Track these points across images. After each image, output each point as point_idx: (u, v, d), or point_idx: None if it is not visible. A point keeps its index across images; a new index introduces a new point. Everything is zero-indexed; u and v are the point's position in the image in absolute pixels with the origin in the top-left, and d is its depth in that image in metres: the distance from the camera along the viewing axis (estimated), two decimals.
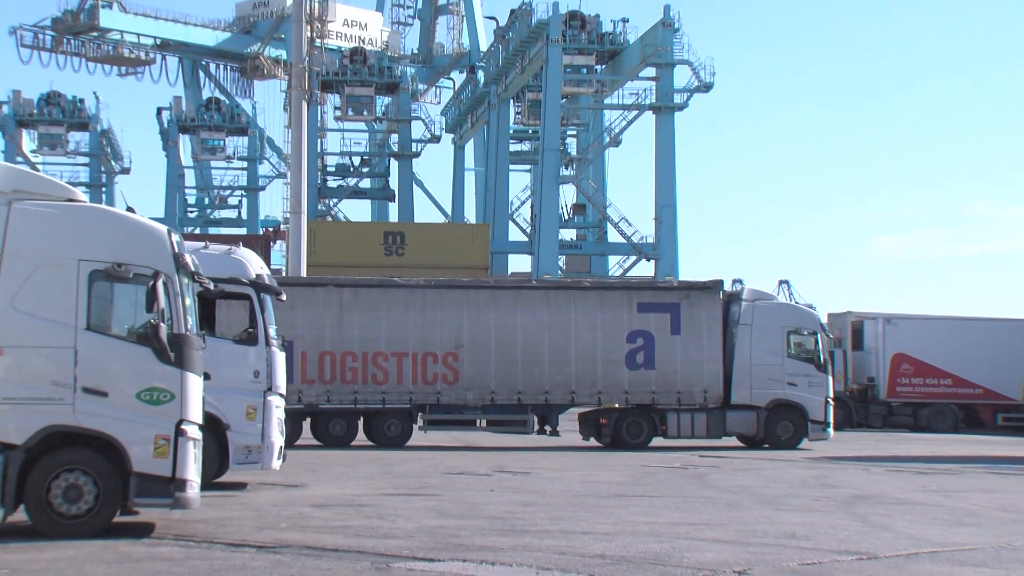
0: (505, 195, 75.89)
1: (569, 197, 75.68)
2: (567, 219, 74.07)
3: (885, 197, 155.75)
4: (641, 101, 68.11)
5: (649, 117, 67.47)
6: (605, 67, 69.65)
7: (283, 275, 38.66)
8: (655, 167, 66.81)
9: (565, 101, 69.41)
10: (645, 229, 68.15)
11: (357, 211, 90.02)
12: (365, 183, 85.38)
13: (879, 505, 19.26)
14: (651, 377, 32.09)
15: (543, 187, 67.26)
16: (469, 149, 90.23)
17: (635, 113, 68.60)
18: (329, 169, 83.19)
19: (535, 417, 32.27)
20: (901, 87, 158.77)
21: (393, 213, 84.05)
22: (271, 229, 79.68)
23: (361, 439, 31.86)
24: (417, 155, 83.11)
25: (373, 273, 41.09)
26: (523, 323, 31.96)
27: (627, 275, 67.78)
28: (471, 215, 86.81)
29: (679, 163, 66.89)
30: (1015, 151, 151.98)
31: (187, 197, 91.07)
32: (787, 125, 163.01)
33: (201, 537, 14.25)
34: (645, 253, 67.41)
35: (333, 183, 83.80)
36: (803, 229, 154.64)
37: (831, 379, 33.83)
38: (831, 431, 33.42)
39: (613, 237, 71.85)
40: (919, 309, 61.86)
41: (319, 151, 79.14)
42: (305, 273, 41.12)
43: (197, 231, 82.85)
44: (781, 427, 32.71)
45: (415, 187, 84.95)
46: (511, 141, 79.15)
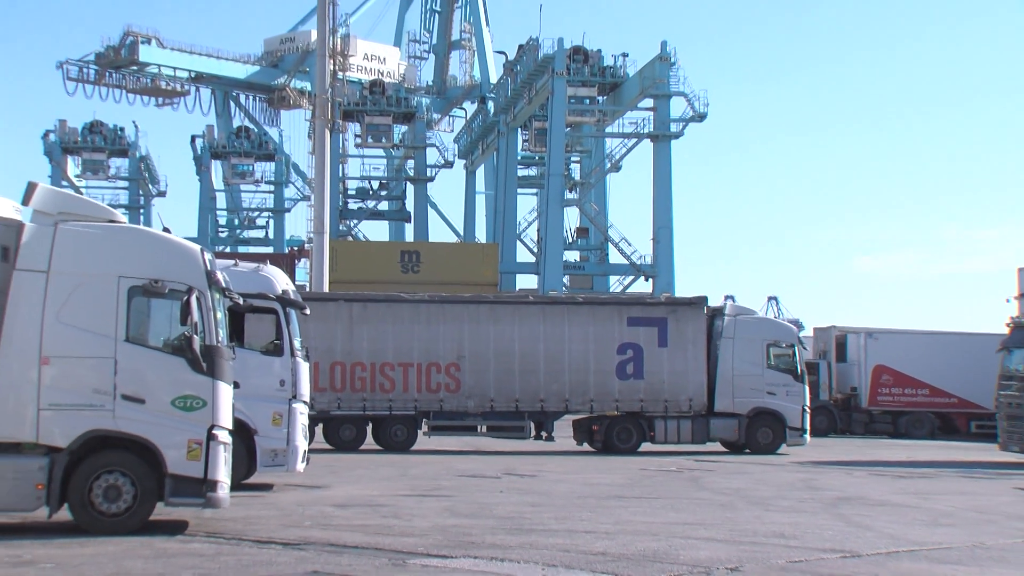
0: (513, 217, 75.85)
1: (573, 220, 75.67)
2: (571, 242, 73.99)
3: (866, 221, 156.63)
4: (640, 130, 68.08)
5: (647, 145, 67.40)
6: (606, 98, 69.62)
7: (307, 291, 38.64)
8: (653, 191, 66.72)
9: (569, 130, 69.34)
10: (644, 249, 68.17)
11: (376, 231, 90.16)
12: (383, 205, 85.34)
13: (861, 506, 19.21)
14: (640, 386, 32.01)
15: (549, 209, 67.18)
16: (480, 174, 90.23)
17: (634, 141, 68.59)
18: (350, 192, 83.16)
19: (532, 423, 32.26)
20: (880, 120, 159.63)
21: (409, 233, 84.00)
22: (296, 248, 79.67)
23: (370, 443, 31.80)
24: (431, 179, 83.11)
25: (391, 289, 41.04)
26: (520, 336, 31.89)
27: (626, 292, 67.69)
28: (481, 235, 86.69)
29: (675, 187, 66.77)
30: (984, 179, 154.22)
31: (218, 218, 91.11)
32: (775, 152, 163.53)
33: (231, 534, 14.24)
34: (644, 272, 67.30)
35: (353, 205, 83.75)
36: (790, 249, 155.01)
37: (807, 389, 33.74)
38: (807, 437, 33.43)
39: (614, 258, 71.72)
40: (898, 324, 61.97)
41: (341, 176, 79.10)
42: (327, 289, 41.12)
43: (228, 250, 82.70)
44: (761, 433, 32.64)
45: (429, 209, 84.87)
46: (519, 167, 79.03)
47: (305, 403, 20.37)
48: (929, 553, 13.98)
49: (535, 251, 75.91)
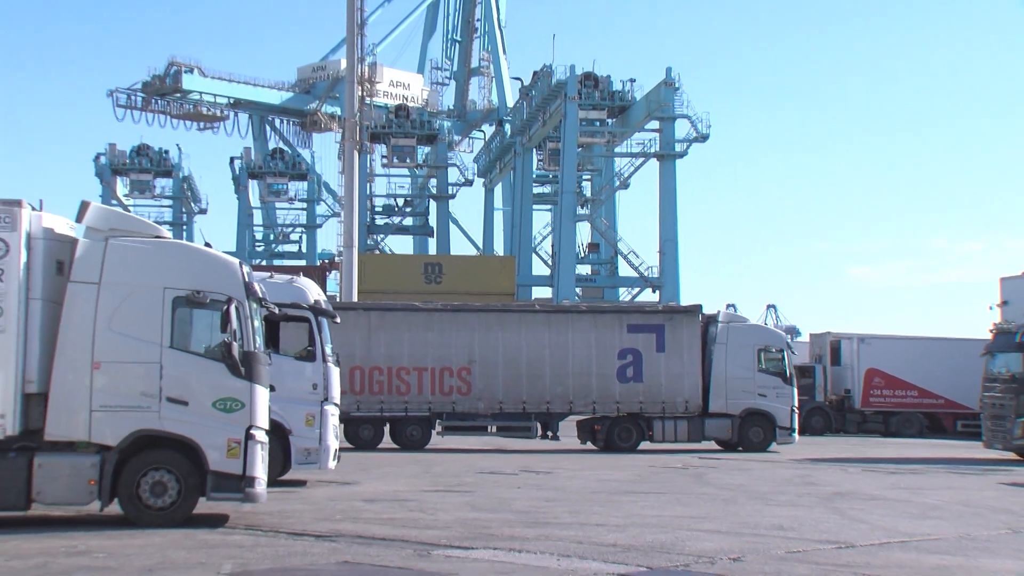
0: (529, 231, 75.77)
1: (585, 236, 75.62)
2: (583, 256, 73.92)
3: (859, 233, 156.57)
4: (647, 150, 67.99)
5: (654, 163, 67.29)
6: (615, 120, 69.58)
7: (337, 301, 38.70)
8: (659, 207, 66.58)
9: (581, 150, 69.34)
10: (651, 260, 68.04)
11: (401, 245, 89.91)
12: (408, 221, 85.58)
13: (855, 501, 19.15)
14: (639, 389, 31.90)
15: (562, 224, 67.12)
16: (498, 191, 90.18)
17: (641, 160, 68.56)
18: (377, 209, 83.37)
19: (538, 424, 32.14)
20: (872, 139, 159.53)
21: (432, 247, 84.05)
22: (327, 261, 79.66)
23: (387, 443, 31.74)
24: (453, 197, 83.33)
25: (415, 299, 41.03)
26: (527, 342, 31.83)
27: (634, 301, 67.53)
28: (500, 249, 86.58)
29: (680, 203, 66.85)
30: (969, 196, 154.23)
31: (255, 234, 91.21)
32: (773, 169, 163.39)
33: (268, 527, 14.28)
34: (651, 283, 67.18)
35: (380, 221, 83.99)
36: (788, 260, 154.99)
37: (796, 391, 33.60)
38: (796, 436, 33.35)
39: (623, 271, 71.62)
40: (889, 330, 61.58)
41: (368, 193, 79.28)
42: (356, 299, 41.20)
43: (264, 263, 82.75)
44: (753, 432, 32.56)
45: (451, 224, 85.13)
46: (534, 184, 78.97)
47: (336, 405, 20.39)
48: (919, 544, 13.93)
49: (550, 264, 75.86)
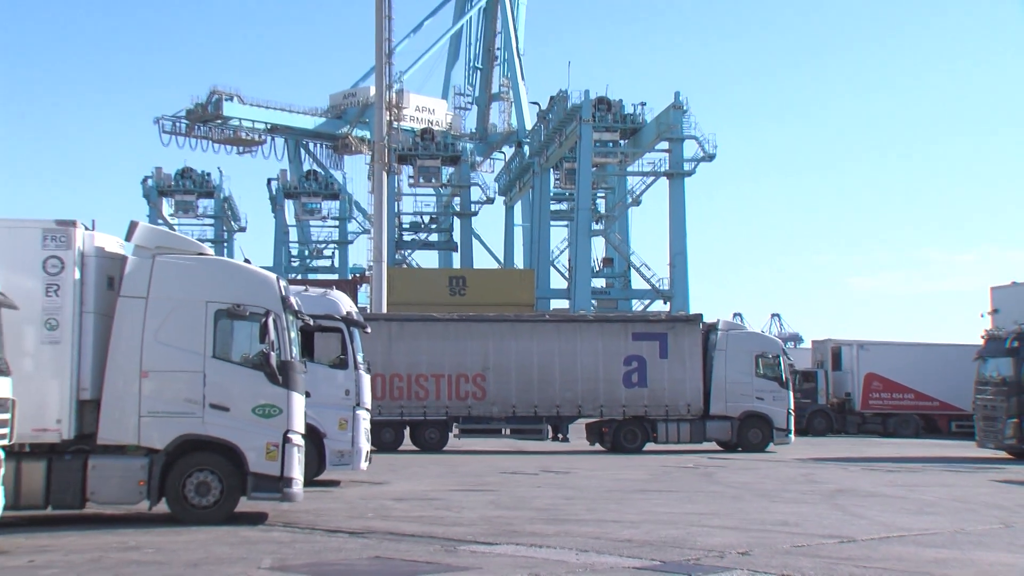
0: (547, 246, 75.85)
1: (600, 250, 75.54)
2: (598, 270, 73.84)
3: (859, 246, 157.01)
4: (657, 169, 68.05)
5: (664, 182, 67.25)
6: (627, 141, 69.60)
7: (367, 312, 38.76)
8: (669, 222, 66.52)
9: (595, 169, 69.33)
10: (662, 273, 68.00)
11: (427, 260, 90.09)
12: (433, 237, 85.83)
13: (856, 497, 19.05)
14: (644, 394, 31.76)
15: (578, 239, 67.17)
16: (517, 209, 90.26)
17: (652, 179, 68.65)
18: (404, 226, 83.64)
19: (549, 427, 32.05)
20: (870, 156, 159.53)
21: (456, 261, 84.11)
22: (358, 275, 79.70)
23: (407, 445, 31.70)
24: (475, 214, 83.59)
25: (440, 310, 41.04)
26: (538, 350, 31.74)
27: (647, 312, 67.40)
28: (519, 262, 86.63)
29: (689, 218, 66.49)
30: (962, 210, 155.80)
31: (291, 250, 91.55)
32: (777, 186, 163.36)
33: (304, 524, 14.32)
34: (663, 294, 67.04)
35: (407, 237, 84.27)
36: (792, 271, 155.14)
37: (791, 394, 33.39)
38: (792, 437, 33.13)
39: (636, 283, 71.62)
40: (887, 337, 61.19)
41: (396, 211, 79.56)
42: (385, 310, 41.26)
43: (299, 277, 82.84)
44: (751, 434, 32.39)
45: (474, 240, 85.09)
46: (551, 202, 79.10)
47: (367, 410, 20.39)
48: (916, 538, 13.85)
49: (567, 277, 75.83)
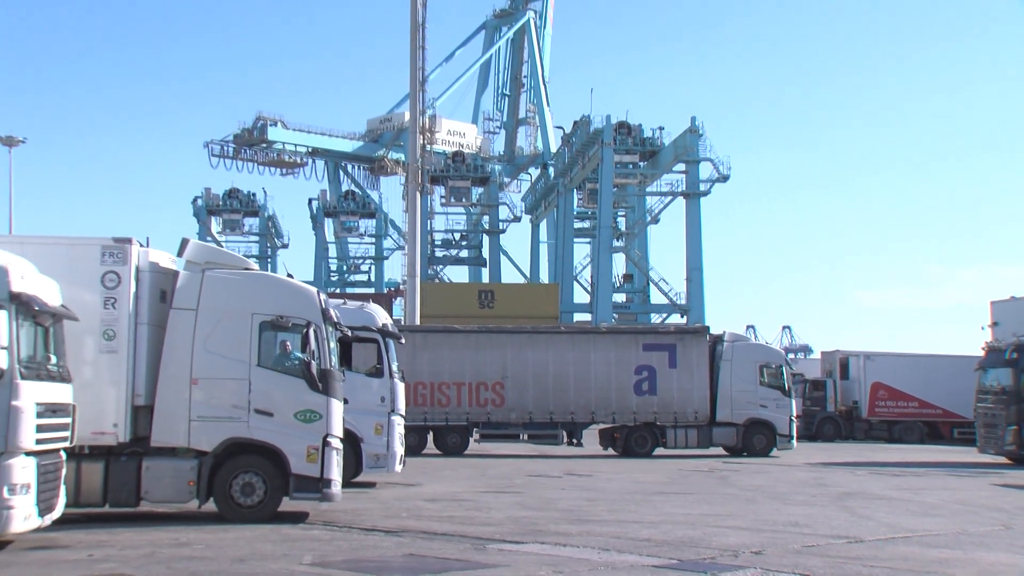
0: (571, 262, 75.75)
1: (620, 266, 75.28)
2: (619, 285, 73.64)
3: (865, 261, 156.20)
4: (674, 189, 67.90)
5: (681, 201, 67.13)
6: (646, 163, 69.50)
7: (402, 324, 38.80)
8: (686, 239, 66.38)
9: (616, 190, 69.32)
10: (679, 287, 67.79)
11: (458, 274, 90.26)
12: (463, 253, 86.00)
13: (863, 500, 18.92)
14: (653, 401, 31.71)
15: (599, 256, 67.14)
16: (543, 227, 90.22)
17: (670, 198, 68.53)
18: (436, 243, 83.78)
19: (564, 432, 31.99)
20: (876, 176, 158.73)
21: (485, 276, 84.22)
22: (393, 289, 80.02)
23: (430, 448, 31.68)
24: (503, 231, 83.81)
25: (471, 322, 41.06)
26: (554, 360, 31.72)
27: (664, 324, 67.22)
28: (545, 277, 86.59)
29: (704, 236, 66.36)
30: (964, 227, 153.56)
31: (330, 265, 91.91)
32: (788, 205, 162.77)
33: (342, 523, 14.35)
34: (680, 308, 66.85)
35: (439, 253, 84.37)
36: (802, 285, 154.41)
37: (794, 402, 33.26)
38: (795, 442, 33.04)
39: (655, 298, 71.43)
40: (892, 348, 60.63)
41: (429, 229, 79.68)
42: (419, 322, 41.26)
43: (337, 291, 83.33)
44: (756, 439, 32.24)
45: (502, 256, 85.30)
46: (575, 220, 78.97)
47: (402, 416, 20.43)
48: (921, 539, 13.74)
49: (589, 291, 75.75)
